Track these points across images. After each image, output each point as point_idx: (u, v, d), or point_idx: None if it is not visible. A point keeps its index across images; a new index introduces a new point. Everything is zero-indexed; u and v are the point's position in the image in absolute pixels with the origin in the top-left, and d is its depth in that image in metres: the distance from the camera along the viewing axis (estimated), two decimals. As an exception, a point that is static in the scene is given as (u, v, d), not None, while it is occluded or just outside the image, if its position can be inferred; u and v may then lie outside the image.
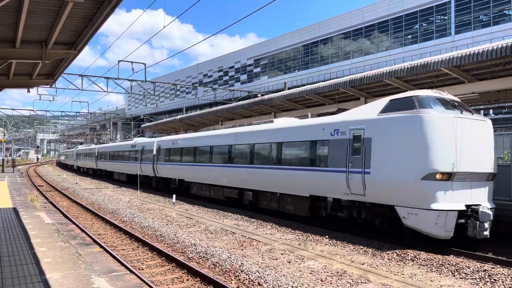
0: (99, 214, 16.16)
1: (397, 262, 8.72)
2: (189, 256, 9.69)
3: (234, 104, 28.71)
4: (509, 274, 7.67)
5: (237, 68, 74.20)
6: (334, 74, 51.62)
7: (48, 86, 17.62)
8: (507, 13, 40.24)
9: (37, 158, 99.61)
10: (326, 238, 11.11)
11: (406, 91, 17.83)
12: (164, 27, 15.21)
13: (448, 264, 8.39)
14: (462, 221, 9.44)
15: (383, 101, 10.98)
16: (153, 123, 47.76)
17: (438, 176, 9.27)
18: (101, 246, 10.65)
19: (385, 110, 10.56)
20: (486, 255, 9.16)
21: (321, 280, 7.49)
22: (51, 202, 20.08)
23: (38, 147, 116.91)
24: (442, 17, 44.84)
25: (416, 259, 8.84)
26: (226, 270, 8.40)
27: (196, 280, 7.97)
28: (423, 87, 17.37)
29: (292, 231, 12.19)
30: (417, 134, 9.52)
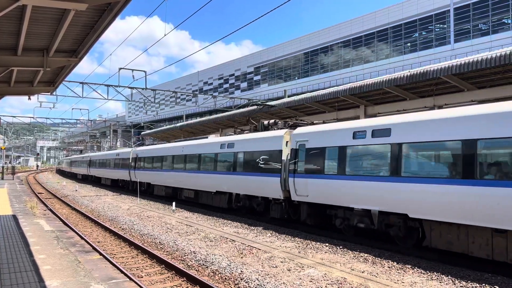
0: (99, 221, 16.13)
1: (398, 270, 8.69)
2: (189, 264, 9.66)
3: (234, 111, 28.79)
4: (510, 283, 7.65)
5: (237, 75, 74.49)
6: (334, 82, 51.83)
7: (49, 93, 17.64)
8: (506, 21, 40.49)
9: (37, 166, 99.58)
10: (326, 246, 11.08)
11: (406, 99, 17.93)
12: (165, 35, 15.31)
13: (449, 272, 8.37)
14: None
15: None
16: (153, 130, 47.81)
17: None
18: (100, 254, 10.63)
19: None
20: (485, 264, 9.12)
21: (321, 288, 7.46)
22: (50, 210, 20.05)
23: (38, 154, 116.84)
24: (441, 25, 45.12)
25: (416, 267, 8.82)
26: (225, 278, 8.38)
27: (195, 288, 7.94)
28: (423, 95, 17.45)
29: (292, 238, 12.16)
30: None
